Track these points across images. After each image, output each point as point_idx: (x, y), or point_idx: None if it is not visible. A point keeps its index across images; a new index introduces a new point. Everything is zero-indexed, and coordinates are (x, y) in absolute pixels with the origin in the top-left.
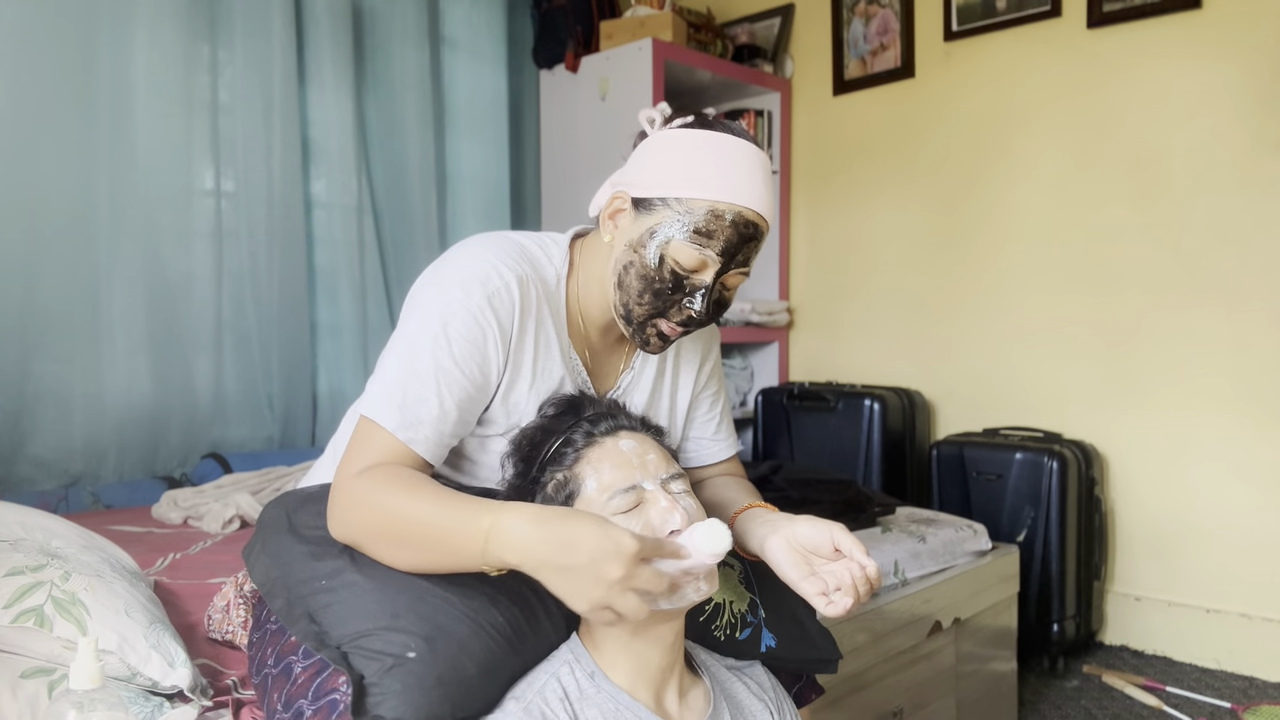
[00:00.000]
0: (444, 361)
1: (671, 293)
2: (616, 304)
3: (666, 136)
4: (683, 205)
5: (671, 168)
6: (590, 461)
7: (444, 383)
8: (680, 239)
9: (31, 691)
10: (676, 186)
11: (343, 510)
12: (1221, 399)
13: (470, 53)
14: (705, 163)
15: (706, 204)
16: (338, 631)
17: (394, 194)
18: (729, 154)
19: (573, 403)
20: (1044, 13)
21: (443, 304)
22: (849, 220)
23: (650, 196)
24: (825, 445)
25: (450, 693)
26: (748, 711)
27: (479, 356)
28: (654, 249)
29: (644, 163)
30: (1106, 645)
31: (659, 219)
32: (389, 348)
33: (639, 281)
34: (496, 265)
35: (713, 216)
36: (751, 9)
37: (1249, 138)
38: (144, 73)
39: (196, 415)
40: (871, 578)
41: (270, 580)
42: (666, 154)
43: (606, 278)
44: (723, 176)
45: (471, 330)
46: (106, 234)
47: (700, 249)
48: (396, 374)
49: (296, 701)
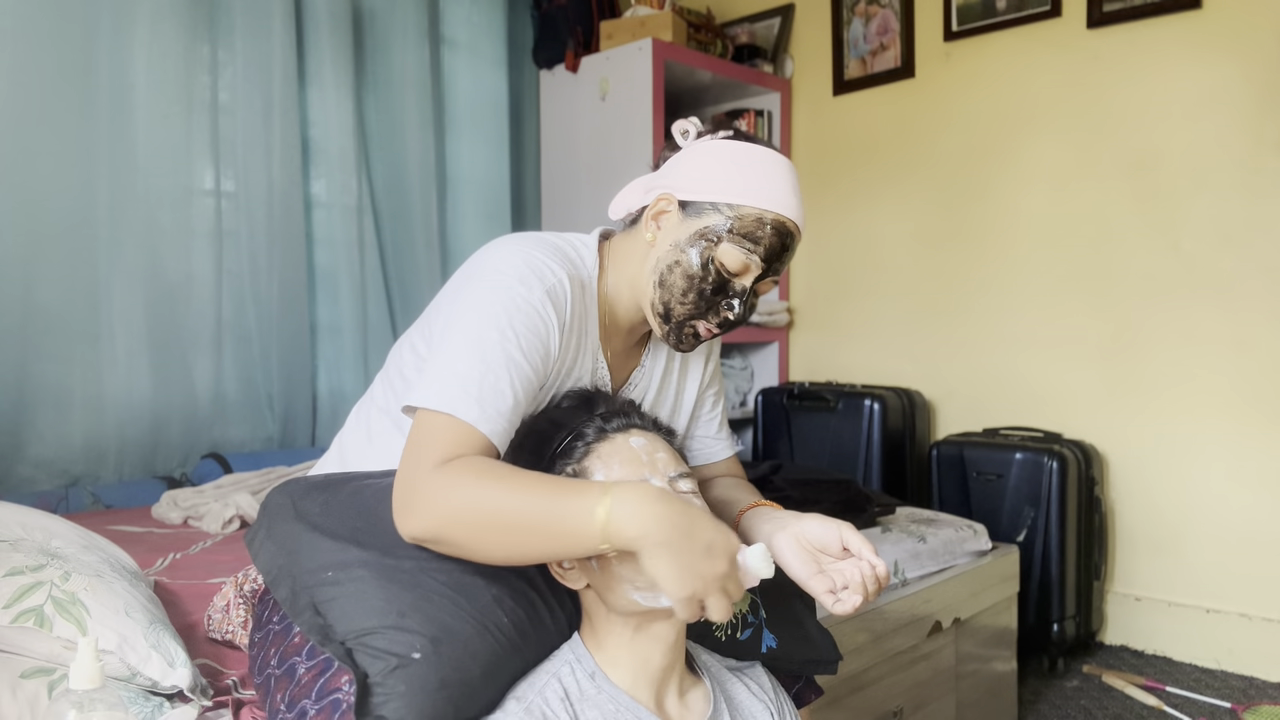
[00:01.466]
0: (514, 354)
1: (713, 294)
2: (656, 302)
3: (713, 145)
4: (733, 210)
5: (719, 174)
6: (600, 456)
7: (516, 375)
8: (729, 242)
9: (31, 691)
10: (726, 192)
11: (427, 503)
12: (1222, 399)
13: (470, 53)
14: (754, 172)
15: (755, 211)
16: (343, 627)
17: (394, 194)
18: (773, 166)
19: (586, 397)
20: (1044, 13)
21: (506, 296)
22: (849, 220)
23: (699, 200)
24: (825, 445)
25: (453, 694)
26: (748, 712)
27: (542, 350)
28: (701, 250)
29: (689, 168)
30: (1106, 645)
31: (709, 221)
32: (445, 340)
33: (684, 281)
34: (547, 261)
35: (760, 223)
36: (751, 9)
37: (1249, 138)
38: (144, 73)
39: (196, 415)
40: (880, 577)
41: (275, 568)
42: (714, 161)
43: (644, 277)
44: (770, 187)
45: (536, 324)
46: (106, 234)
47: (747, 253)
48: (469, 366)
49: (300, 701)
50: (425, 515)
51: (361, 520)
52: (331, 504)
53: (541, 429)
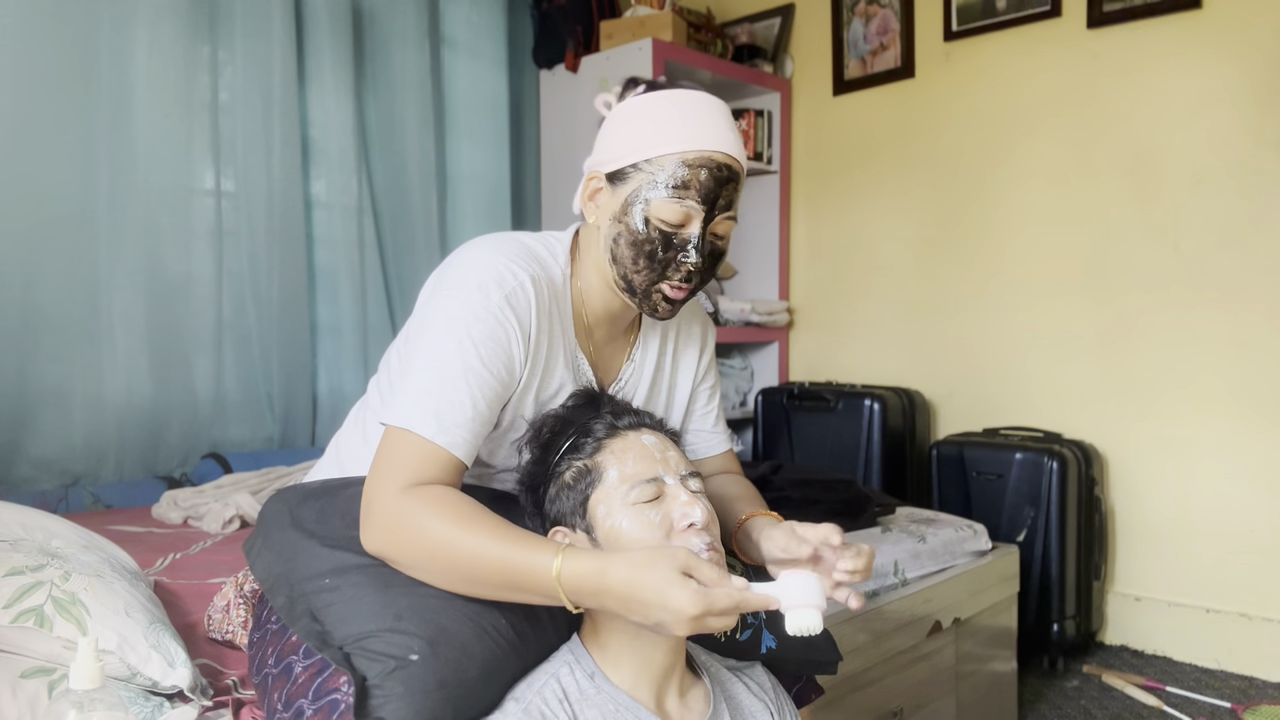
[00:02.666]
0: (472, 363)
1: (664, 252)
2: (616, 279)
3: (623, 108)
4: (652, 165)
5: (634, 134)
6: (614, 452)
7: (475, 384)
8: (658, 197)
9: (31, 691)
10: (643, 149)
11: (386, 529)
12: (1221, 399)
13: (470, 53)
14: (666, 119)
15: (676, 156)
16: (340, 632)
17: (394, 194)
18: (686, 106)
19: (591, 396)
20: (1044, 13)
21: (463, 307)
22: (849, 220)
23: (621, 167)
24: (825, 445)
25: (452, 695)
26: (747, 712)
27: (504, 356)
28: (637, 214)
29: (608, 139)
30: (1106, 645)
31: (634, 184)
32: (411, 354)
33: (630, 249)
34: (510, 266)
35: (685, 167)
36: (751, 9)
37: (1249, 138)
38: (144, 73)
39: (196, 415)
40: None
41: (272, 576)
42: (627, 123)
43: (601, 258)
44: (685, 128)
45: (495, 330)
46: (106, 234)
47: (680, 201)
48: (427, 381)
49: (297, 701)
50: (381, 540)
51: (357, 527)
52: (327, 511)
53: (550, 425)
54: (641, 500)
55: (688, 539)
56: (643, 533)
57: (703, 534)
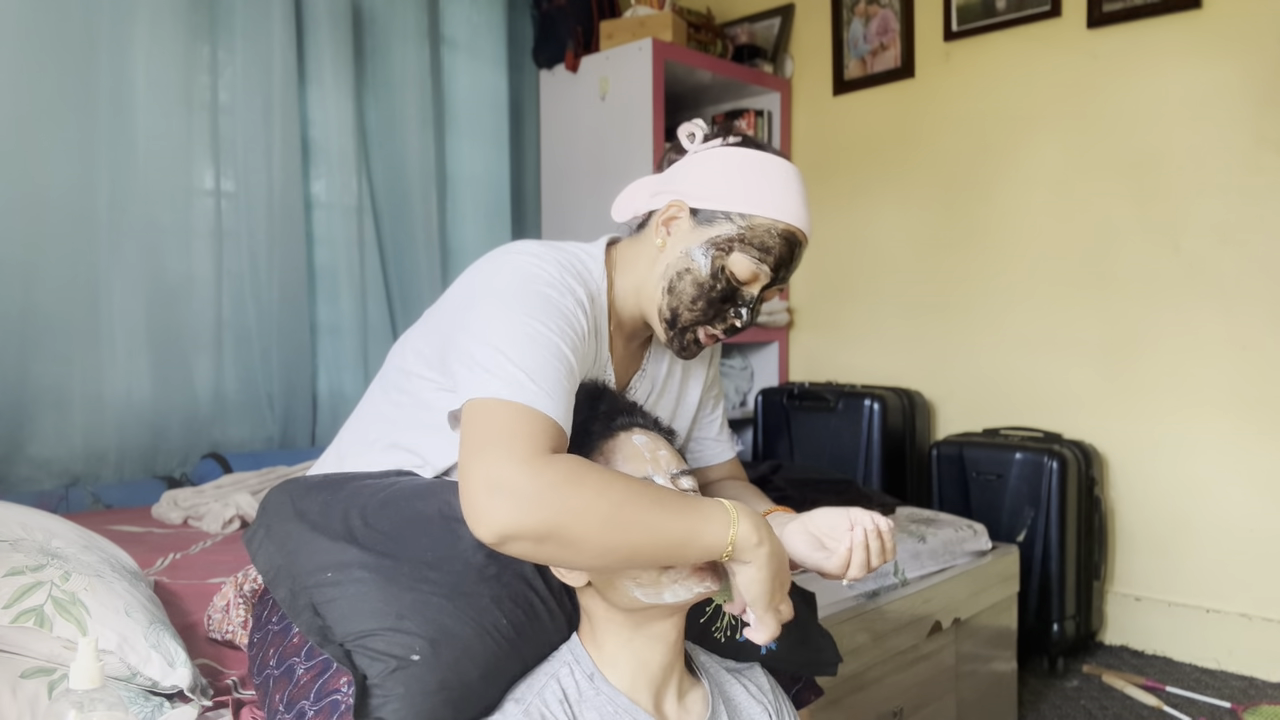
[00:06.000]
0: (563, 348)
1: (722, 302)
2: (664, 308)
3: (724, 152)
4: (745, 220)
5: (732, 183)
6: (603, 452)
7: (564, 369)
8: (740, 251)
9: (31, 691)
10: (739, 202)
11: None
12: (1221, 399)
13: (470, 53)
14: (766, 182)
15: (767, 221)
16: (342, 628)
17: (394, 194)
18: (784, 175)
19: (591, 391)
20: (1044, 13)
21: (545, 302)
22: (849, 220)
23: (711, 209)
24: (825, 445)
25: (452, 696)
26: (746, 714)
27: (580, 352)
28: (712, 258)
29: (701, 175)
30: (1106, 645)
31: (720, 231)
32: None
33: (693, 288)
34: (565, 278)
35: (771, 233)
36: (751, 9)
37: (1249, 138)
38: (144, 73)
39: (196, 415)
40: (883, 531)
41: (274, 568)
42: (726, 170)
43: (651, 282)
44: (781, 197)
45: (577, 325)
46: (106, 234)
47: (758, 262)
48: (525, 358)
49: (299, 702)
50: (534, 510)
51: (361, 520)
52: (331, 504)
53: None
54: None
55: None
56: None
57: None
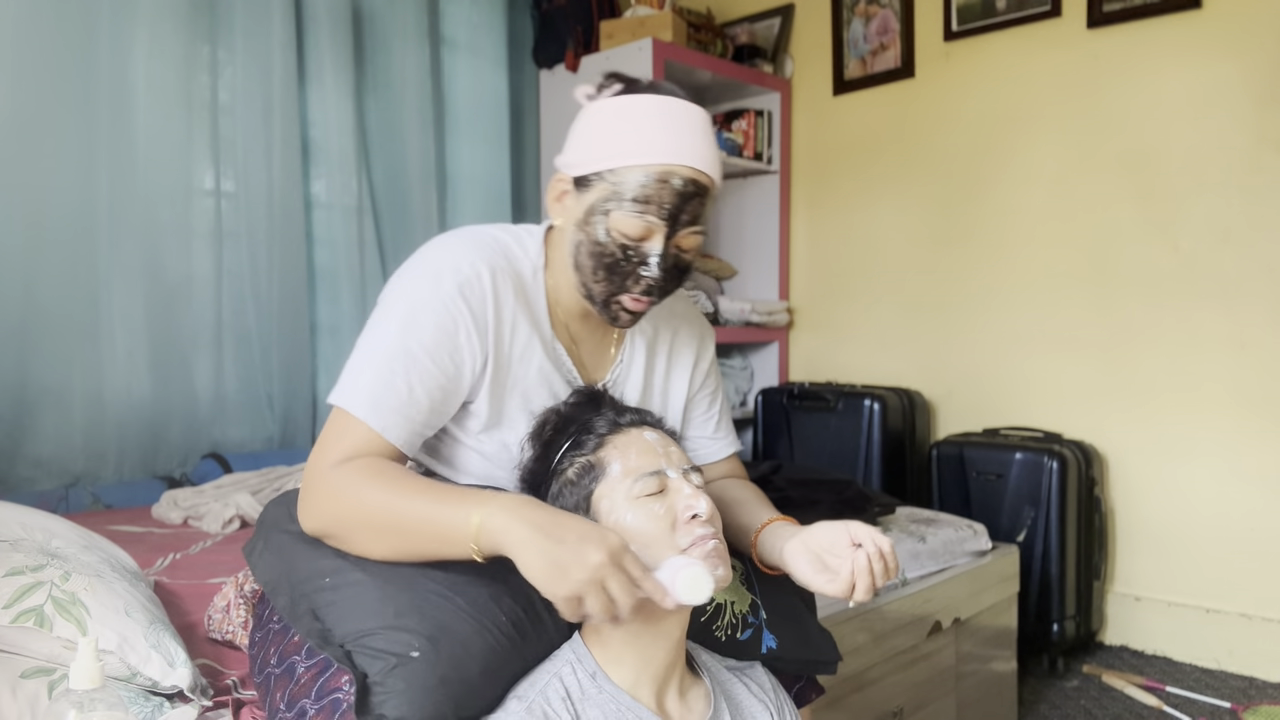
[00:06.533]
0: (413, 348)
1: (624, 264)
2: (578, 285)
3: (593, 109)
4: (616, 176)
5: (601, 140)
6: (616, 447)
7: (412, 370)
8: (620, 210)
9: (31, 691)
10: (608, 158)
11: (322, 500)
12: (1221, 399)
13: (470, 53)
14: (636, 128)
15: (640, 170)
16: (341, 629)
17: (394, 194)
18: (657, 114)
19: (592, 395)
20: (1044, 13)
21: (414, 294)
22: (849, 220)
23: (586, 173)
24: (825, 445)
25: (453, 692)
26: (747, 712)
27: (450, 345)
28: (599, 224)
29: (577, 140)
30: (1106, 645)
31: (598, 194)
32: (361, 337)
33: (590, 259)
34: (468, 255)
35: (648, 181)
36: (751, 9)
37: (1249, 138)
38: (144, 73)
39: (196, 415)
40: (886, 553)
41: (273, 578)
42: (597, 127)
43: (564, 262)
44: (652, 140)
45: (442, 319)
46: (106, 234)
47: (641, 216)
48: (364, 362)
49: (300, 701)
50: (316, 513)
51: None
52: None
53: (552, 423)
54: (645, 493)
55: (692, 530)
56: (647, 525)
57: (706, 525)
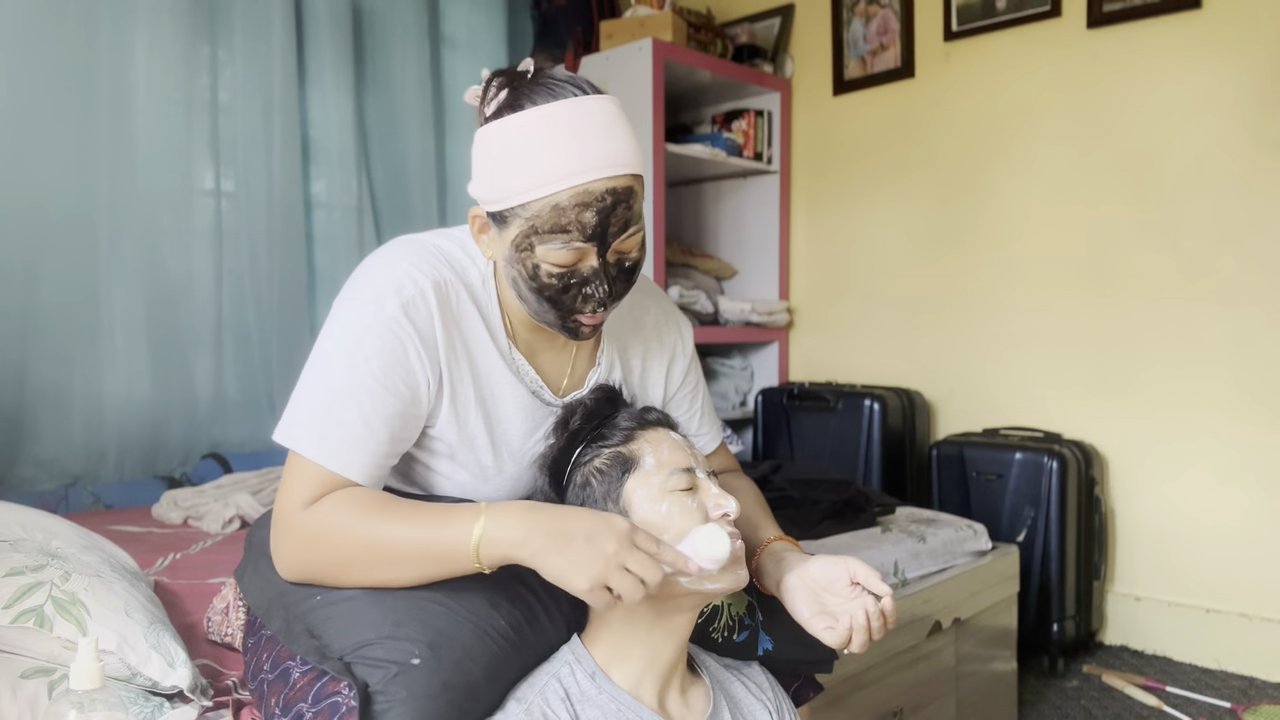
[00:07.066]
0: (364, 379)
1: (565, 293)
2: (529, 312)
3: (484, 135)
4: (528, 210)
5: (503, 172)
6: (649, 440)
7: (366, 402)
8: (543, 244)
9: (31, 691)
10: (516, 193)
11: (299, 546)
12: (1221, 399)
13: (470, 53)
14: (533, 155)
15: (548, 201)
16: (339, 643)
17: (394, 194)
18: (552, 130)
19: (611, 394)
20: (1044, 13)
21: (356, 320)
22: (849, 220)
23: (499, 210)
24: (825, 445)
25: (456, 697)
26: (747, 711)
27: (401, 370)
28: (527, 260)
29: (480, 170)
30: (1106, 645)
31: (516, 229)
32: (306, 368)
33: (532, 294)
34: (410, 272)
35: (565, 207)
36: (751, 9)
37: (1249, 138)
38: (144, 73)
39: (196, 415)
40: (886, 610)
41: (266, 601)
42: (495, 157)
43: (510, 292)
44: (556, 162)
45: (389, 343)
46: (106, 234)
47: (567, 245)
48: (313, 400)
49: (296, 705)
50: (294, 558)
51: None
52: None
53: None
54: (678, 488)
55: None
56: (681, 518)
57: (730, 526)
